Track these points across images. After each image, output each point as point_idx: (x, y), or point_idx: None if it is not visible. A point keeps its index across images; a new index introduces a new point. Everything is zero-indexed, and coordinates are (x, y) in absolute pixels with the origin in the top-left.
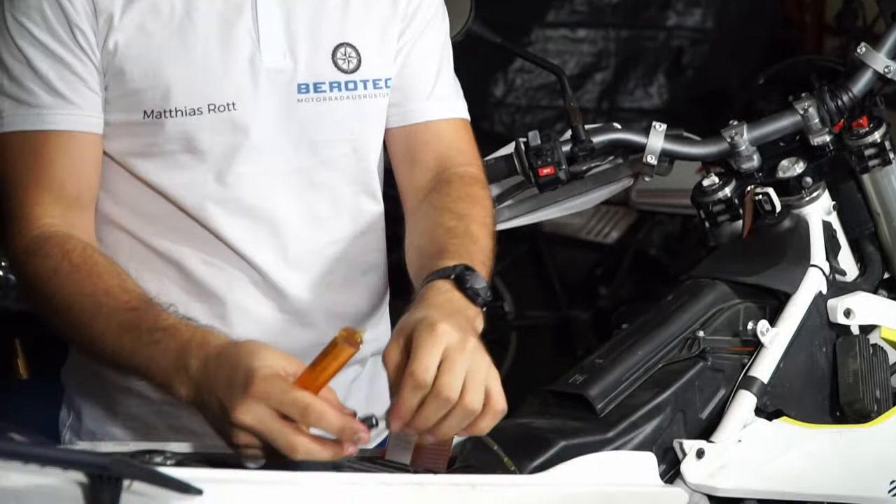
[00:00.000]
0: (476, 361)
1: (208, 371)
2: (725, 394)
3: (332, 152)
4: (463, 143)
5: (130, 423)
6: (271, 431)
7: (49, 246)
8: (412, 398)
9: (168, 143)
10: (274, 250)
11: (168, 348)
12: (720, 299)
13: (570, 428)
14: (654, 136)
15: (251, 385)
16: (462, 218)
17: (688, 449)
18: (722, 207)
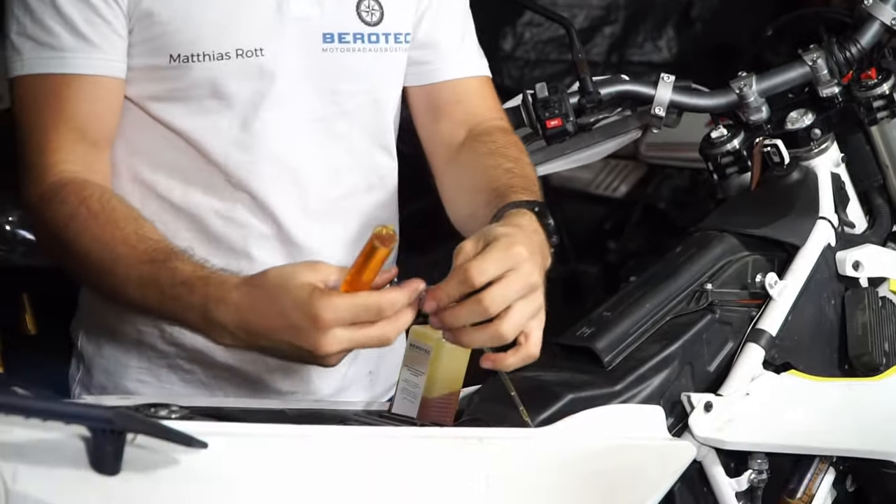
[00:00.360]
0: (531, 299)
1: (249, 322)
2: (733, 347)
3: (352, 103)
4: (490, 99)
5: (142, 376)
6: (360, 341)
7: (66, 192)
8: (454, 289)
9: (194, 88)
10: (294, 200)
11: (191, 304)
12: (728, 252)
13: (578, 381)
14: (662, 87)
15: (317, 318)
16: (516, 161)
17: (696, 402)
18: (730, 159)
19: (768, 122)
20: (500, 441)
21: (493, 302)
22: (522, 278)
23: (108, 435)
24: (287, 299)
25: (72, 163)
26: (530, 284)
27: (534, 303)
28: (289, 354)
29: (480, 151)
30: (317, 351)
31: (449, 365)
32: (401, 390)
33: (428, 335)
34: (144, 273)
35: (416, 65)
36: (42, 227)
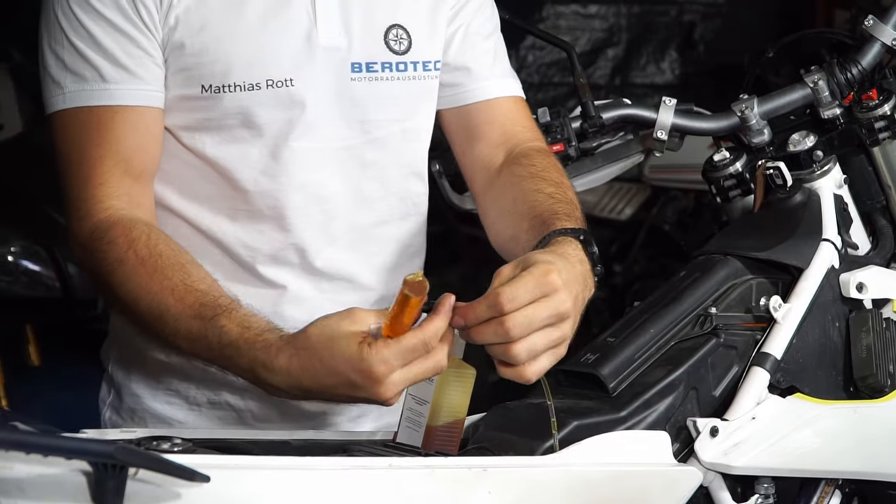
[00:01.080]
0: (555, 328)
1: (303, 384)
2: (738, 371)
3: (382, 132)
4: (526, 119)
5: (171, 398)
6: (417, 376)
7: (115, 233)
8: (483, 312)
9: (225, 118)
10: (320, 228)
11: (240, 367)
12: (732, 275)
13: (583, 407)
14: (664, 111)
15: (371, 372)
16: (558, 185)
17: (701, 427)
18: (733, 182)
19: (770, 145)
20: (506, 470)
21: (516, 327)
22: (551, 307)
23: (110, 470)
24: (337, 358)
25: (117, 198)
26: (559, 313)
27: (556, 332)
28: (351, 399)
29: (521, 175)
30: (381, 400)
31: (453, 393)
32: (405, 419)
33: None
34: (193, 329)
35: (448, 87)
36: (91, 266)
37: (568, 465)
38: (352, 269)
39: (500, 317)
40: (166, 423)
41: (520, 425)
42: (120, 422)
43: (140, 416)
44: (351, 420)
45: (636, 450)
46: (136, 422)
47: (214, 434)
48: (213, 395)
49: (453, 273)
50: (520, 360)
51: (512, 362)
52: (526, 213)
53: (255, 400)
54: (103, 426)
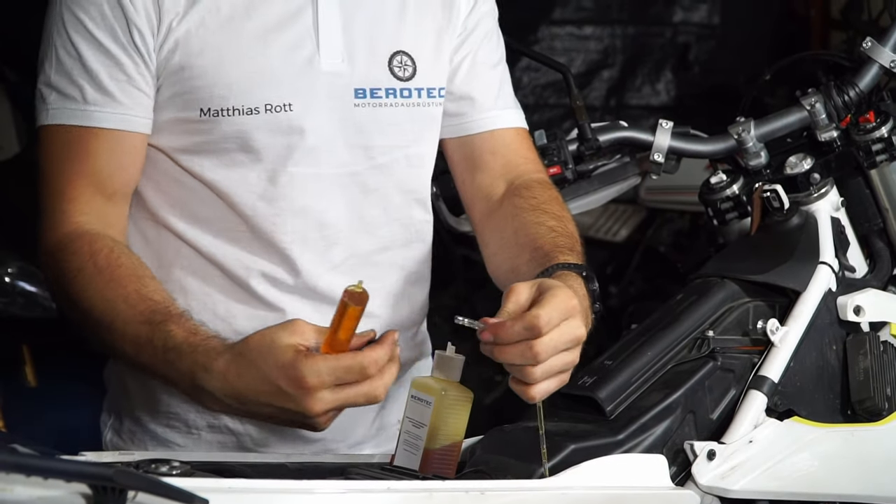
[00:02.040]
0: (571, 353)
1: (237, 389)
2: (736, 394)
3: (385, 158)
4: (528, 151)
5: (171, 421)
6: (348, 401)
7: (78, 244)
8: (518, 335)
9: (223, 142)
10: (320, 253)
11: (181, 371)
12: (729, 298)
13: (580, 431)
14: (660, 133)
15: (302, 382)
16: (560, 219)
17: (699, 450)
18: (730, 205)
19: (767, 167)
20: (503, 493)
21: (544, 351)
22: (572, 331)
23: (110, 493)
24: (271, 364)
25: (87, 214)
26: (576, 338)
27: (570, 357)
28: (278, 418)
29: (522, 207)
30: (305, 413)
31: (451, 416)
32: (402, 442)
33: (429, 386)
34: (141, 333)
35: (452, 116)
36: (53, 276)
37: (565, 489)
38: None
39: (531, 340)
40: (166, 446)
41: (517, 449)
42: (121, 444)
43: (140, 439)
44: (350, 447)
45: (633, 473)
46: (137, 444)
47: (212, 457)
48: (212, 419)
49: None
50: (535, 381)
51: (527, 381)
52: (527, 244)
53: (254, 424)
54: (104, 448)
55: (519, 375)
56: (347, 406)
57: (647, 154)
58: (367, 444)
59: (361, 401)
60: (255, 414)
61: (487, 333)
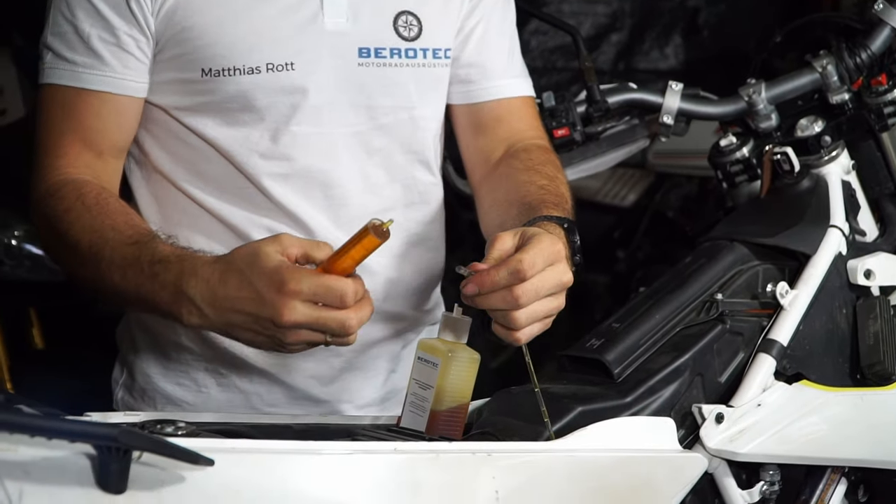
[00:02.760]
0: (555, 297)
1: (217, 294)
2: (744, 357)
3: (389, 119)
4: (533, 118)
5: (180, 379)
6: (321, 321)
7: (66, 189)
8: (504, 280)
9: (226, 101)
10: (325, 212)
11: (166, 281)
12: (739, 261)
13: (588, 393)
14: (670, 95)
15: (282, 285)
16: (552, 179)
17: (707, 413)
18: (740, 168)
19: (778, 130)
20: (510, 455)
21: (525, 295)
22: (557, 275)
23: (114, 453)
24: (255, 270)
25: (76, 167)
26: (562, 283)
27: (555, 302)
28: (250, 331)
29: (517, 167)
30: (276, 320)
31: (457, 378)
32: (409, 404)
33: (436, 348)
34: (128, 254)
35: (462, 83)
36: (41, 222)
37: (572, 451)
38: None
39: (511, 285)
40: (176, 405)
41: (524, 411)
42: (131, 401)
43: (150, 397)
44: (358, 409)
45: (641, 436)
46: (147, 402)
47: (219, 418)
48: (221, 378)
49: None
50: (519, 326)
51: (511, 327)
52: (516, 201)
53: (264, 384)
54: (115, 405)
55: (503, 321)
56: (319, 328)
57: (657, 116)
58: (375, 407)
59: (333, 326)
60: (229, 324)
61: (471, 286)
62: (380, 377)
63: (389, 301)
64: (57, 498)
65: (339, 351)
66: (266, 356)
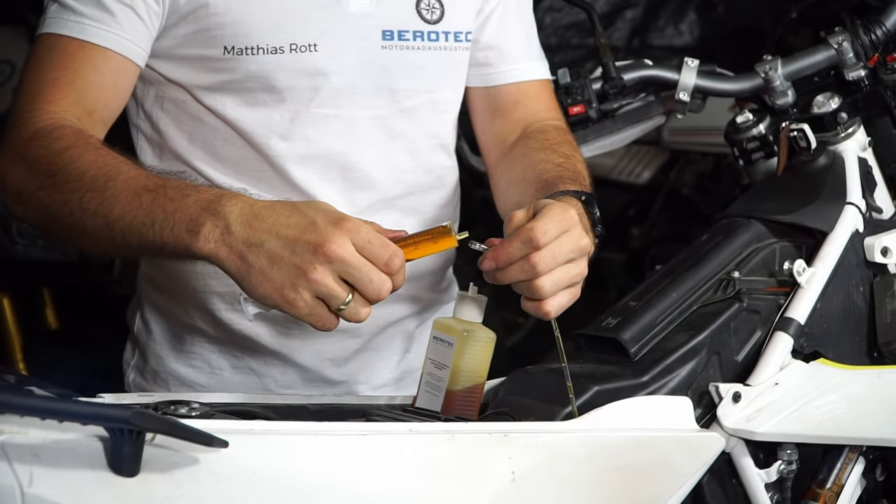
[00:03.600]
0: (577, 263)
1: (259, 215)
2: (762, 336)
3: (411, 102)
4: (549, 101)
5: (193, 361)
6: (364, 268)
7: (63, 131)
8: (518, 250)
9: (247, 81)
10: (344, 196)
11: (198, 200)
12: (755, 239)
13: (604, 372)
14: (686, 72)
15: (343, 221)
16: (568, 158)
17: (724, 392)
18: (756, 144)
19: (794, 107)
20: (526, 435)
21: (542, 261)
22: (573, 241)
23: (126, 435)
24: (314, 206)
25: (67, 115)
26: (580, 248)
27: (576, 268)
28: (277, 259)
29: (533, 147)
30: (322, 245)
31: (473, 357)
32: (424, 384)
33: (451, 327)
34: (149, 183)
35: (480, 66)
36: (26, 165)
37: (589, 431)
38: None
39: (527, 256)
40: (188, 387)
41: (540, 390)
42: (143, 383)
43: (163, 379)
44: (373, 389)
45: (658, 415)
46: (159, 384)
47: (232, 398)
48: (235, 360)
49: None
50: (544, 294)
51: (536, 297)
52: (533, 180)
53: (278, 366)
54: (127, 387)
55: (527, 293)
56: (355, 278)
57: (672, 93)
58: (390, 388)
59: (371, 280)
60: (254, 247)
61: (488, 261)
62: (394, 357)
63: (411, 283)
64: (68, 481)
65: (355, 331)
66: (280, 337)
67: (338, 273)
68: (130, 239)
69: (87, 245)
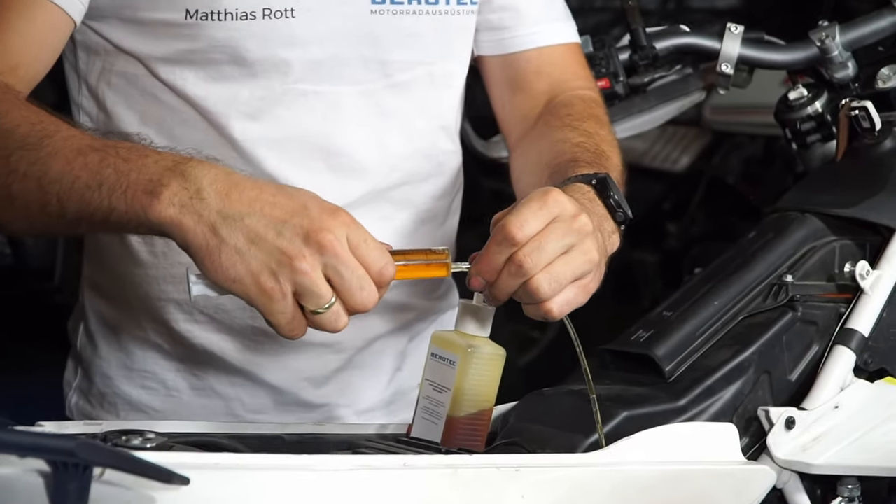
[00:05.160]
0: (580, 251)
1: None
2: (819, 351)
3: (405, 76)
4: (579, 67)
5: (147, 382)
6: (352, 264)
7: None
8: (496, 254)
9: (212, 51)
10: (328, 186)
11: (162, 158)
12: (811, 236)
13: (633, 395)
14: (729, 39)
15: (339, 212)
16: (590, 136)
17: (775, 418)
18: (812, 125)
19: (856, 81)
20: (542, 470)
21: (528, 257)
22: (563, 226)
23: (71, 470)
24: (307, 193)
25: None
26: (577, 230)
27: (580, 257)
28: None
29: (552, 125)
30: (314, 232)
31: (479, 378)
32: (421, 409)
33: (453, 343)
34: (97, 144)
35: (493, 31)
36: None
37: (616, 465)
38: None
39: (510, 255)
40: (141, 412)
41: (558, 417)
42: (88, 408)
43: (111, 402)
44: (359, 414)
45: (697, 445)
46: (107, 409)
47: (195, 427)
48: (195, 380)
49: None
50: (543, 295)
51: (537, 300)
52: (547, 163)
53: (246, 387)
54: (69, 413)
55: (527, 298)
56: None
57: (714, 64)
58: (379, 412)
59: (356, 289)
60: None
61: (475, 278)
62: (383, 377)
63: (395, 288)
64: None
65: (337, 346)
66: (248, 352)
67: (325, 269)
68: (68, 206)
69: (8, 217)
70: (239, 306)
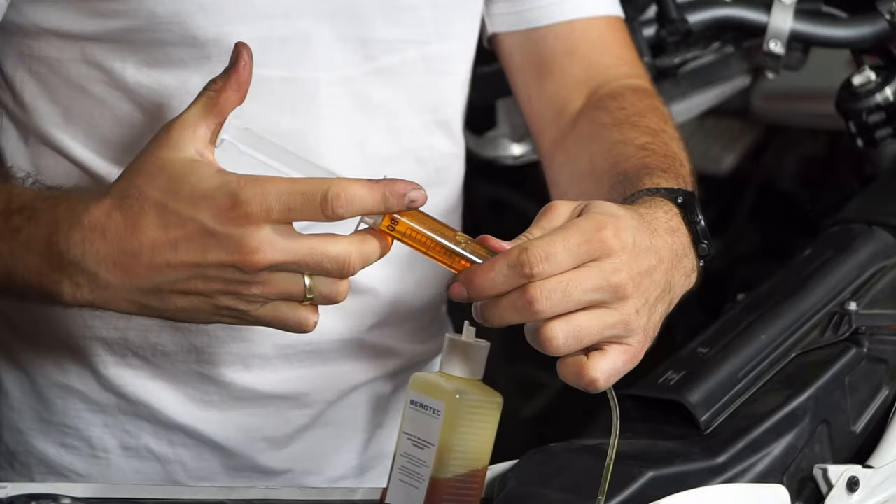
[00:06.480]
0: (611, 315)
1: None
2: (889, 395)
3: (394, 59)
4: (622, 48)
5: (66, 439)
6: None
7: None
8: (502, 278)
9: (154, 29)
10: None
11: (32, 237)
12: (881, 255)
13: (662, 451)
14: (779, 11)
15: (238, 206)
16: (656, 134)
17: (835, 478)
18: (881, 117)
19: None
20: None
21: (544, 298)
22: (600, 276)
23: None
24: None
25: None
26: (612, 286)
27: (612, 316)
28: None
29: (604, 123)
30: (242, 260)
31: (469, 431)
32: (398, 469)
33: (437, 387)
34: None
35: (511, 2)
36: None
37: None
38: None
39: (525, 284)
40: (60, 475)
41: (569, 478)
42: None
43: (23, 463)
44: (329, 482)
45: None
46: (18, 470)
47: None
48: (127, 438)
49: None
50: (554, 349)
51: (551, 352)
52: (607, 172)
53: (189, 447)
54: None
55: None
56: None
57: (761, 42)
58: (352, 481)
59: (328, 257)
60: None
61: (457, 285)
62: (360, 436)
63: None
64: None
65: (301, 399)
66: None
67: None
68: None
69: None
70: (182, 349)
